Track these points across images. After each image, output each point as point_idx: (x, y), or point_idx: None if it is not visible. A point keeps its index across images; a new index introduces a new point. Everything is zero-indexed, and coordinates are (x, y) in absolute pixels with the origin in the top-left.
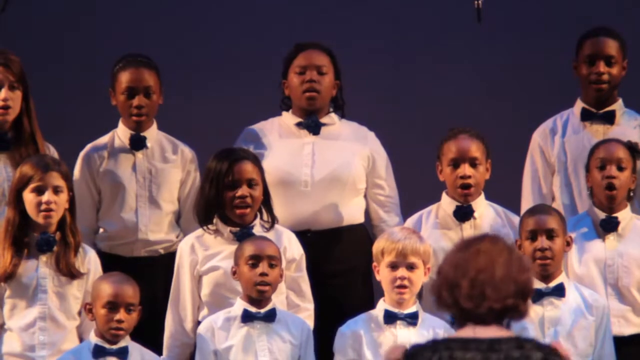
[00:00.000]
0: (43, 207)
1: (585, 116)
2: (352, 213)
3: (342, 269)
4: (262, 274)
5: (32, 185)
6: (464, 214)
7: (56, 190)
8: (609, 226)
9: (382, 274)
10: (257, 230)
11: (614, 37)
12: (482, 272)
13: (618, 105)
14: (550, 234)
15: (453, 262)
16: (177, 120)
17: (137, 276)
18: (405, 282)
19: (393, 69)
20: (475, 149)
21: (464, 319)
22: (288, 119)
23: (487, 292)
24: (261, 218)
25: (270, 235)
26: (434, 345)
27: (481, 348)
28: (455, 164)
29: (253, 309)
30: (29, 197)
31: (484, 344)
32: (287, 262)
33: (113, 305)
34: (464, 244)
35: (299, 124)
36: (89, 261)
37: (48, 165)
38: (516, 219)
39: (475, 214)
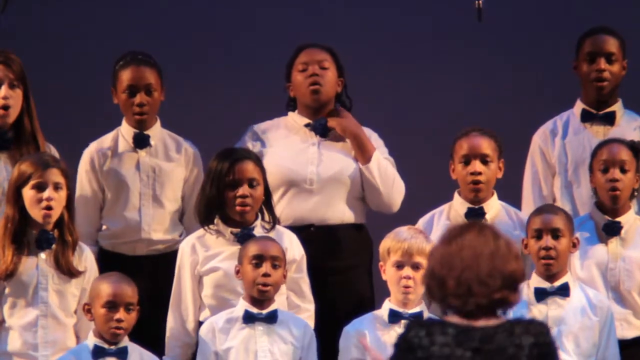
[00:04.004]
0: (44, 204)
1: (586, 117)
2: (355, 213)
3: (343, 265)
4: (265, 275)
5: (32, 182)
6: (475, 215)
7: (57, 187)
8: (612, 230)
9: (388, 273)
10: (258, 231)
11: (614, 35)
12: (467, 269)
13: (618, 106)
14: (555, 234)
15: (439, 257)
16: (177, 120)
17: (139, 274)
18: (411, 282)
19: (393, 69)
20: (486, 146)
21: (454, 313)
22: (294, 118)
23: (473, 289)
24: (262, 219)
25: (271, 235)
26: (430, 325)
27: (474, 337)
28: (467, 160)
29: (255, 310)
30: (29, 193)
31: (477, 333)
32: (287, 263)
33: (112, 305)
34: (449, 236)
35: (306, 125)
36: (86, 259)
37: (48, 163)
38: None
39: (487, 216)
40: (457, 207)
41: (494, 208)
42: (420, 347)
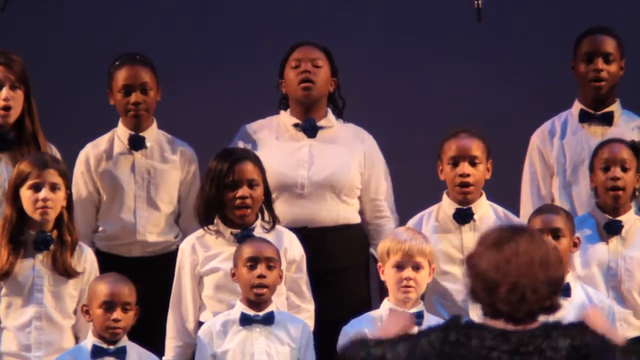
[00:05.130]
0: (39, 204)
1: (584, 117)
2: (348, 214)
3: (338, 266)
4: (260, 276)
5: (29, 182)
6: (464, 216)
7: (53, 188)
8: (613, 229)
9: (388, 274)
10: (258, 231)
11: (611, 35)
12: (523, 276)
13: (616, 106)
14: (556, 234)
15: (492, 262)
16: (176, 120)
17: (135, 276)
18: (412, 283)
19: (393, 68)
20: (475, 148)
21: (498, 317)
22: (286, 118)
23: (527, 296)
24: (262, 219)
25: (271, 236)
26: (467, 327)
27: (511, 340)
28: (455, 162)
29: (251, 312)
30: (26, 194)
31: (514, 336)
32: (287, 263)
33: (109, 305)
34: (499, 241)
35: (295, 125)
36: (85, 260)
37: (46, 163)
38: (517, 220)
39: (475, 217)
40: (445, 208)
41: (483, 208)
42: (462, 345)
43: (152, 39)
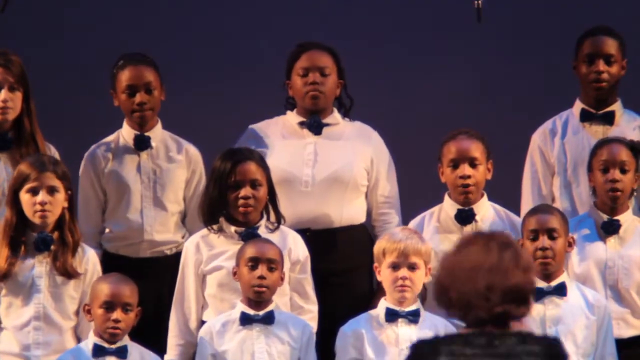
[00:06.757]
0: (37, 207)
1: (585, 117)
2: (353, 214)
3: (341, 268)
4: (260, 277)
5: (27, 186)
6: (465, 217)
7: (51, 191)
8: (611, 228)
9: (384, 275)
10: (262, 230)
11: (613, 36)
12: (467, 282)
13: (617, 106)
14: (551, 234)
15: (445, 267)
16: (177, 120)
17: (143, 277)
18: (407, 283)
19: (393, 69)
20: (474, 149)
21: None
22: (292, 118)
23: (472, 302)
24: (268, 218)
25: (275, 236)
26: (436, 341)
27: (481, 343)
28: (455, 164)
29: (251, 312)
30: (24, 197)
31: (483, 338)
32: (291, 264)
33: (110, 305)
34: (457, 246)
35: (301, 124)
36: (87, 261)
37: (44, 165)
38: (518, 220)
39: (477, 217)
40: (447, 209)
41: (484, 209)
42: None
43: (153, 39)
